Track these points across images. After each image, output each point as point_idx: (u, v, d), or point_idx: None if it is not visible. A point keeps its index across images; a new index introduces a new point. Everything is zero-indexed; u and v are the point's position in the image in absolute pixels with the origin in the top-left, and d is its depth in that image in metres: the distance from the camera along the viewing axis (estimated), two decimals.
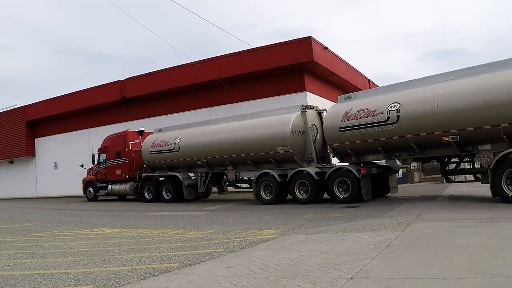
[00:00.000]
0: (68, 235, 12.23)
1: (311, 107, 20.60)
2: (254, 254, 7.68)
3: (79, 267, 7.46)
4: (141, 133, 28.92)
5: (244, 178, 22.71)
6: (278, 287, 5.40)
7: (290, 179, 19.04)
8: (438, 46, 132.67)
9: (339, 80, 34.57)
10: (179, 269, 6.87)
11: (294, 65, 29.42)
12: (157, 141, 24.52)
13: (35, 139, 48.65)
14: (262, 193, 19.74)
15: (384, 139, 16.90)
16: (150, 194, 26.14)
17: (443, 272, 5.55)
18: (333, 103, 21.11)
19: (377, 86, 47.35)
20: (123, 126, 37.24)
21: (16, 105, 52.01)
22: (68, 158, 41.47)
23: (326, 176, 18.06)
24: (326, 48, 31.06)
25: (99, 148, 31.05)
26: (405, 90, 17.14)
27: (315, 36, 29.39)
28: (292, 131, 19.01)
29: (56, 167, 44.23)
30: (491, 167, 13.98)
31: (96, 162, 30.60)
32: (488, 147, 15.03)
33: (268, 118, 20.70)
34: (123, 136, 28.97)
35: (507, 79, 14.11)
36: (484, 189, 15.42)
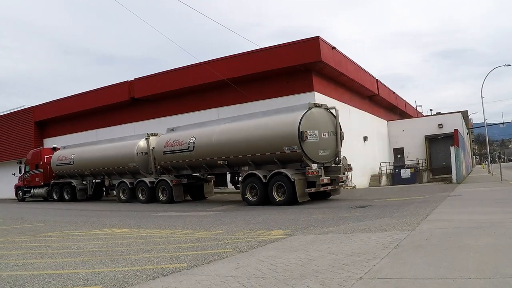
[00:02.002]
0: (77, 235, 12.30)
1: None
2: (263, 255, 7.68)
3: (88, 267, 7.49)
4: (54, 149, 36.38)
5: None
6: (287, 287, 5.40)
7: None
8: (444, 46, 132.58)
9: (347, 80, 34.57)
10: (187, 269, 6.88)
11: (302, 65, 29.42)
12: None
13: (44, 139, 48.85)
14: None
15: (188, 160, 23.80)
16: (55, 196, 34.20)
17: (452, 273, 5.54)
18: (341, 103, 21.98)
19: (385, 86, 47.42)
20: (132, 127, 37.50)
21: (24, 105, 52.28)
22: None
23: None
24: (334, 48, 31.03)
25: (25, 161, 38.79)
26: (199, 128, 24.10)
27: (321, 36, 29.35)
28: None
29: None
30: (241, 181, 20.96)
31: (23, 172, 38.54)
32: (246, 168, 21.27)
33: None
34: (39, 152, 37.19)
35: (256, 124, 20.91)
36: (493, 190, 15.40)
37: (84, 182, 32.60)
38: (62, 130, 46.52)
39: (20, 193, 39.05)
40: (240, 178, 21.69)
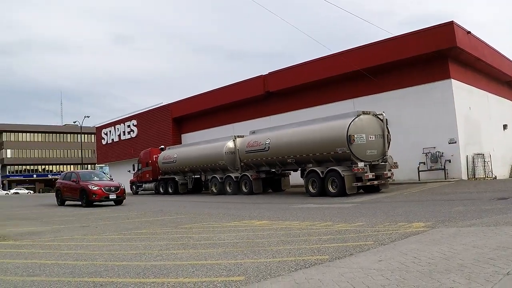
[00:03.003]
0: (217, 227, 12.63)
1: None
2: (405, 247, 7.53)
3: (230, 258, 7.61)
4: (161, 149, 42.01)
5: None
6: (433, 282, 5.26)
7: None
8: None
9: (484, 66, 32.76)
10: (329, 261, 6.87)
11: (436, 52, 28.37)
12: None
13: (181, 135, 51.00)
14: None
15: (264, 159, 28.38)
16: (161, 189, 40.03)
17: None
18: (478, 90, 21.76)
19: None
20: (267, 120, 38.20)
21: (162, 103, 54.86)
22: None
23: None
24: (469, 32, 29.57)
25: (138, 159, 45.61)
26: (273, 131, 28.65)
27: (455, 20, 28.09)
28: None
29: None
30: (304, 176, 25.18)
31: (136, 169, 45.69)
32: (310, 165, 25.06)
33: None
34: (149, 152, 43.51)
35: (315, 129, 25.15)
36: None
37: (185, 177, 38.22)
38: (198, 126, 48.27)
39: (134, 187, 46.31)
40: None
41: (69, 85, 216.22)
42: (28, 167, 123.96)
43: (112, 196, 25.37)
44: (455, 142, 28.59)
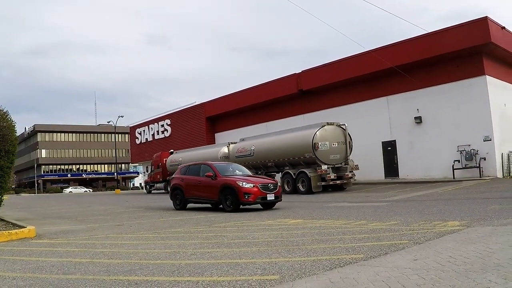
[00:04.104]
0: (251, 226, 12.64)
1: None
2: (440, 246, 7.48)
3: (264, 257, 7.61)
4: (171, 153, 47.24)
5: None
6: (469, 281, 5.22)
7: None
8: None
9: None
10: (364, 260, 6.85)
11: (471, 48, 28.04)
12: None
13: (215, 134, 51.23)
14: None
15: (251, 162, 32.66)
16: (169, 189, 40.39)
17: None
18: None
19: None
20: (301, 118, 38.38)
21: (195, 102, 55.18)
22: None
23: None
24: (503, 27, 29.13)
25: (151, 162, 51.42)
26: (257, 139, 34.21)
27: (489, 16, 27.70)
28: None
29: None
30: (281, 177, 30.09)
31: (149, 171, 52.57)
32: (287, 168, 30.43)
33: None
34: (160, 155, 48.94)
35: (289, 137, 30.59)
36: None
37: None
38: (232, 124, 48.45)
39: (148, 187, 52.19)
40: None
41: (103, 85, 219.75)
42: (62, 166, 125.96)
43: (270, 196, 18.04)
44: (490, 140, 28.22)
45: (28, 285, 6.46)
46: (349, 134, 29.27)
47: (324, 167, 27.47)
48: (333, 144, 28.48)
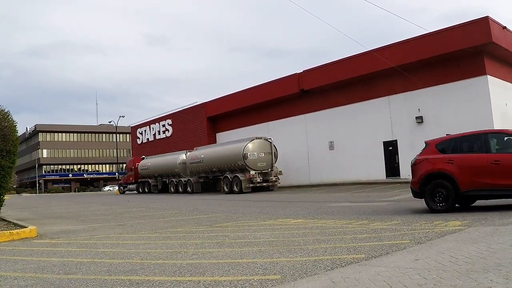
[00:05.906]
0: (252, 226, 12.63)
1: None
2: (442, 246, 7.48)
3: (266, 257, 7.61)
4: (143, 158, 53.27)
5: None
6: (470, 281, 5.21)
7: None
8: None
9: None
10: (366, 260, 6.85)
11: (472, 47, 27.96)
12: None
13: (216, 134, 51.15)
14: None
15: (201, 168, 40.36)
16: (140, 190, 52.47)
17: None
18: None
19: None
20: (302, 118, 38.41)
21: (196, 102, 55.07)
22: None
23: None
24: (505, 27, 29.08)
25: (125, 165, 62.52)
26: (206, 149, 41.61)
27: (490, 16, 27.66)
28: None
29: None
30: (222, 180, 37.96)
31: (124, 174, 60.45)
32: (227, 173, 36.80)
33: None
34: (133, 160, 56.03)
35: (227, 148, 38.24)
36: None
37: (156, 180, 50.23)
38: (233, 124, 48.35)
39: (122, 188, 58.50)
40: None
41: (104, 85, 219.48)
42: (63, 166, 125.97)
43: None
44: None
45: (30, 285, 6.47)
46: (274, 146, 36.79)
47: (252, 172, 34.85)
48: (260, 154, 35.89)
